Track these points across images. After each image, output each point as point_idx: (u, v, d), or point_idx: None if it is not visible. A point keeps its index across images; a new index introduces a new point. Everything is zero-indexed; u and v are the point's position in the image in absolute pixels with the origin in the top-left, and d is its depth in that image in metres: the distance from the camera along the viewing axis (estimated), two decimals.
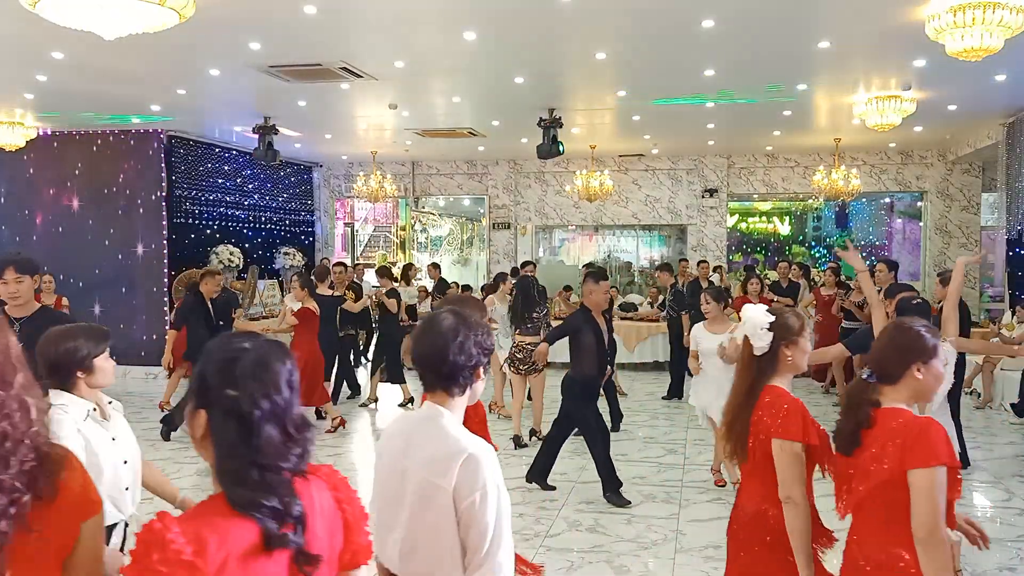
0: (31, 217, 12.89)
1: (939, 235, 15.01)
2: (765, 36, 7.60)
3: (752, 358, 2.97)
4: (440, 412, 2.15)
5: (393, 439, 2.24)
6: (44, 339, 2.78)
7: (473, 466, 2.01)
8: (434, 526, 2.03)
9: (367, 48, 8.09)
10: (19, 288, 4.07)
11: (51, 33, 6.59)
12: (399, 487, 2.13)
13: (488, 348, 2.19)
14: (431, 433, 2.12)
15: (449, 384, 2.15)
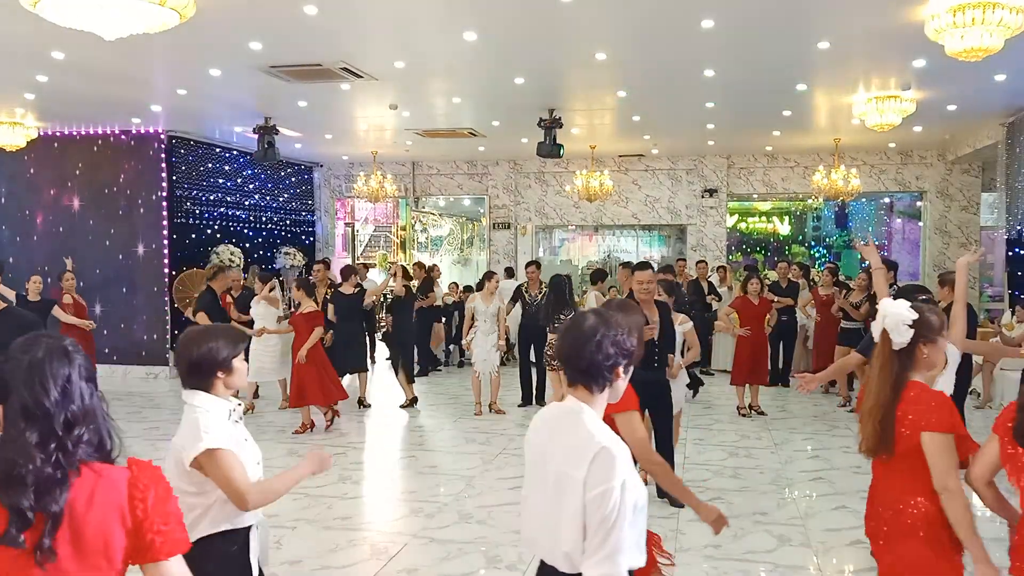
0: (31, 217, 12.90)
1: (939, 235, 15.02)
2: (765, 36, 7.61)
3: (892, 353, 2.99)
4: (581, 407, 2.25)
5: (540, 428, 2.37)
6: (184, 339, 2.75)
7: (605, 460, 2.10)
8: (567, 514, 2.15)
9: (367, 48, 8.10)
10: None
11: (51, 33, 6.61)
12: (543, 473, 2.27)
13: (627, 349, 2.28)
14: (571, 426, 2.24)
15: (588, 380, 2.26)
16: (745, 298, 9.42)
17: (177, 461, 2.59)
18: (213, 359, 2.68)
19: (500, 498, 6.20)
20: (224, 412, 2.68)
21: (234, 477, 2.54)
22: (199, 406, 2.65)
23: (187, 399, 2.69)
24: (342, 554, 5.07)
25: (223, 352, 2.70)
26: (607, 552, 2.06)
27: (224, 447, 2.55)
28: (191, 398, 2.68)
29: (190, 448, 2.53)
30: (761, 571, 4.78)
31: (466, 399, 10.10)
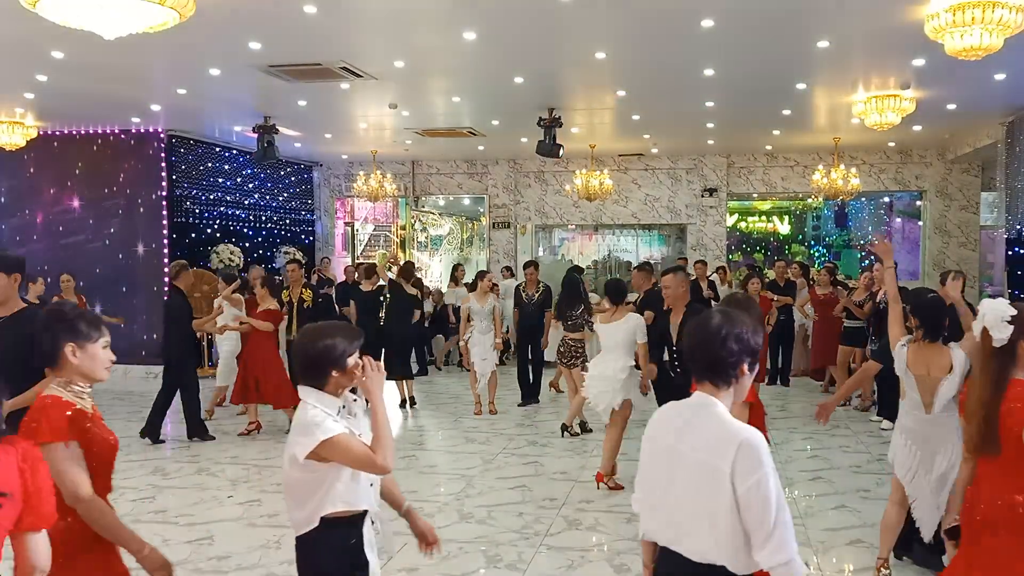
0: (31, 217, 12.90)
1: (938, 234, 15.02)
2: (765, 35, 7.61)
3: (993, 351, 3.01)
4: (713, 401, 2.33)
5: (665, 424, 2.44)
6: (301, 336, 2.76)
7: (750, 451, 2.18)
8: (709, 505, 2.21)
9: (367, 48, 8.10)
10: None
11: (51, 33, 6.60)
12: (668, 468, 2.35)
13: (751, 346, 2.34)
14: (706, 419, 2.31)
15: (714, 377, 2.33)
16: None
17: (290, 456, 2.62)
18: (329, 356, 2.67)
19: (500, 498, 6.20)
20: (334, 409, 2.68)
21: (357, 452, 2.60)
22: (308, 401, 2.68)
23: (304, 397, 2.70)
24: None
25: (339, 349, 2.69)
26: (778, 539, 2.15)
27: (338, 432, 2.59)
28: (307, 396, 2.69)
29: (305, 443, 2.56)
30: None
31: (466, 399, 10.10)
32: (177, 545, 5.13)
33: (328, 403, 2.68)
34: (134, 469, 7.03)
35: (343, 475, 2.63)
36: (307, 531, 2.65)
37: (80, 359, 2.67)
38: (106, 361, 2.75)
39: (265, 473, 6.88)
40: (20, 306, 4.01)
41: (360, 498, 2.70)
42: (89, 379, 2.73)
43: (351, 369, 2.69)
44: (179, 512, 5.81)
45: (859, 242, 19.67)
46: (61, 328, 2.68)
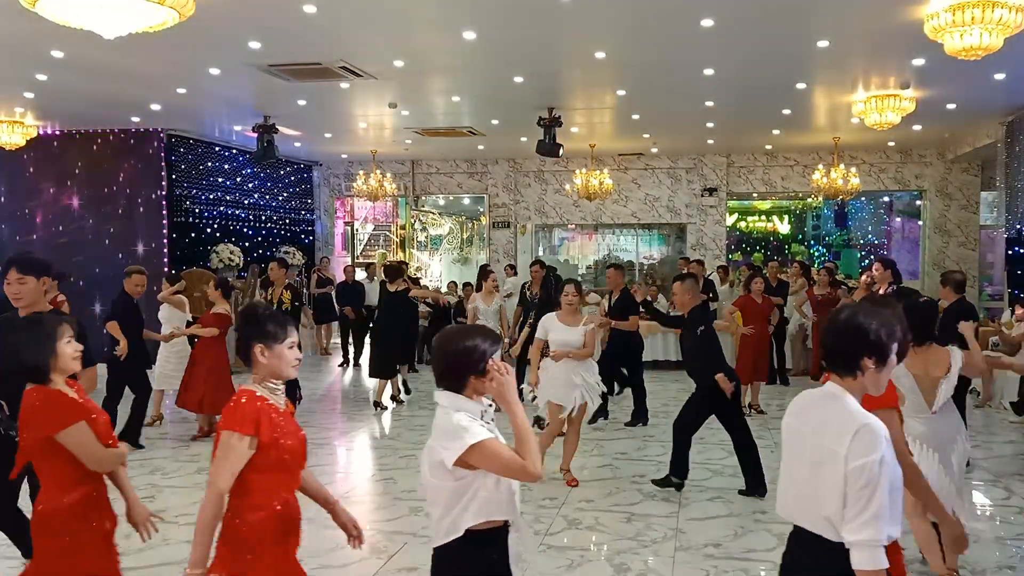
0: (31, 216, 12.90)
1: (938, 234, 15.02)
2: (765, 35, 7.61)
3: None
4: (841, 391, 2.44)
5: (798, 411, 2.56)
6: (440, 337, 2.70)
7: (867, 436, 2.28)
8: (826, 485, 2.33)
9: (367, 47, 8.10)
10: (21, 289, 3.93)
11: (51, 32, 6.60)
12: (799, 450, 2.48)
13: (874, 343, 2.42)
14: (830, 407, 2.43)
15: (839, 368, 2.46)
16: (748, 296, 9.41)
17: (435, 462, 2.54)
18: (468, 360, 2.58)
19: None
20: (476, 413, 2.59)
21: (507, 458, 2.50)
22: (449, 406, 2.59)
23: (438, 399, 2.62)
24: (342, 553, 5.07)
25: (479, 352, 2.59)
26: (867, 517, 2.23)
27: (486, 437, 2.50)
28: (442, 399, 2.61)
29: (452, 449, 2.48)
30: (761, 570, 4.78)
31: None
32: (177, 545, 5.12)
33: (470, 407, 2.59)
34: (134, 469, 7.02)
35: (488, 482, 2.54)
36: (449, 541, 2.57)
37: (268, 359, 2.77)
38: (292, 360, 2.83)
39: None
40: (47, 309, 4.04)
41: (505, 507, 2.60)
42: (277, 377, 2.82)
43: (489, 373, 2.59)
44: (179, 512, 5.80)
45: (859, 242, 19.67)
46: (251, 329, 2.79)
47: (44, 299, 4.09)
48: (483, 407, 2.63)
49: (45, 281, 4.04)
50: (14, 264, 3.97)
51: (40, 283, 4.00)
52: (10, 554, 4.99)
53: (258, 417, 2.69)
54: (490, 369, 2.58)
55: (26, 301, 3.98)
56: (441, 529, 2.57)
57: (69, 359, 3.03)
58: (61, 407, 2.92)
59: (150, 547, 5.07)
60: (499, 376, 2.56)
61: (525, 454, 2.49)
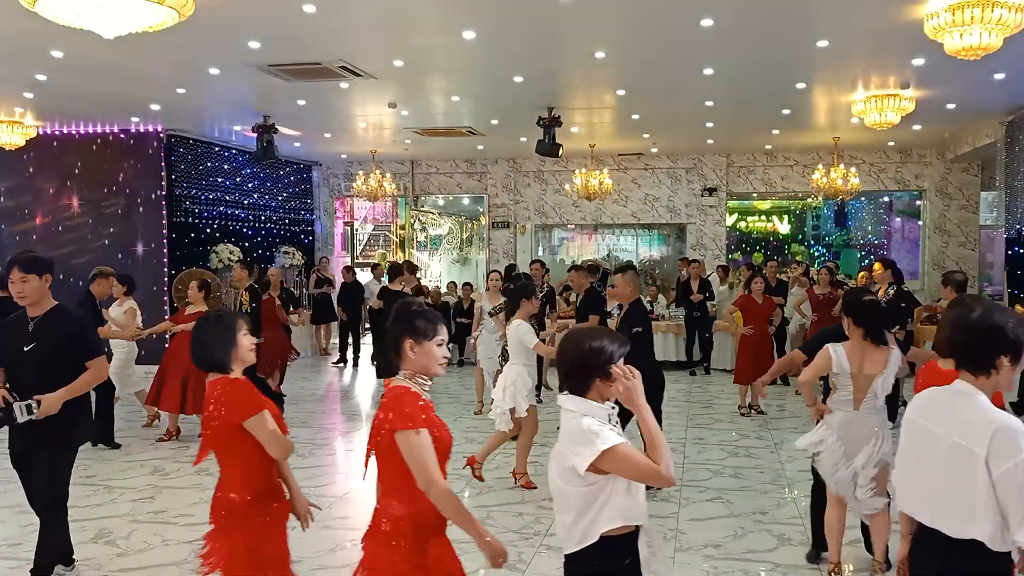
0: (31, 216, 12.90)
1: (938, 234, 15.02)
2: (764, 35, 7.61)
3: None
4: (971, 389, 2.44)
5: (924, 410, 2.57)
6: (566, 339, 2.64)
7: (1006, 437, 2.29)
8: (964, 484, 2.34)
9: (366, 47, 8.09)
10: (25, 287, 4.03)
11: (50, 32, 6.60)
12: (925, 450, 2.50)
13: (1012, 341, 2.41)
14: (964, 405, 2.43)
15: (971, 366, 2.46)
16: (749, 296, 9.41)
17: (566, 468, 2.49)
18: (593, 362, 2.53)
19: (499, 498, 6.19)
20: (603, 417, 2.52)
21: (640, 463, 2.44)
22: (575, 410, 2.53)
23: (564, 403, 2.57)
24: (341, 553, 5.07)
25: (605, 355, 2.53)
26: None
27: (619, 442, 2.45)
28: (568, 402, 2.56)
29: (584, 454, 2.42)
30: (761, 571, 4.78)
31: (466, 398, 10.09)
32: (177, 545, 5.12)
33: (596, 411, 2.53)
34: (134, 469, 7.02)
35: (620, 487, 2.49)
36: (582, 548, 2.55)
37: (417, 355, 2.78)
38: (440, 358, 2.84)
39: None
40: (52, 304, 4.18)
41: (638, 511, 2.55)
42: (425, 373, 2.83)
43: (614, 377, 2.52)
44: (179, 512, 5.80)
45: (859, 242, 19.68)
46: (402, 325, 2.80)
47: (49, 296, 4.18)
48: (609, 410, 2.56)
49: (48, 279, 4.13)
50: (17, 263, 4.05)
51: (43, 281, 4.09)
52: (10, 554, 4.99)
53: (423, 411, 2.71)
54: (616, 373, 2.51)
55: (30, 299, 4.08)
56: (574, 536, 2.54)
57: (246, 350, 3.21)
58: (247, 396, 3.09)
59: (150, 547, 5.08)
60: (626, 380, 2.50)
61: (658, 458, 2.43)
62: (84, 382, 4.09)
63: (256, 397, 3.11)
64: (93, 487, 6.40)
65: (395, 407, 2.69)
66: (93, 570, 4.60)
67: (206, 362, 3.18)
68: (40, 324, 4.08)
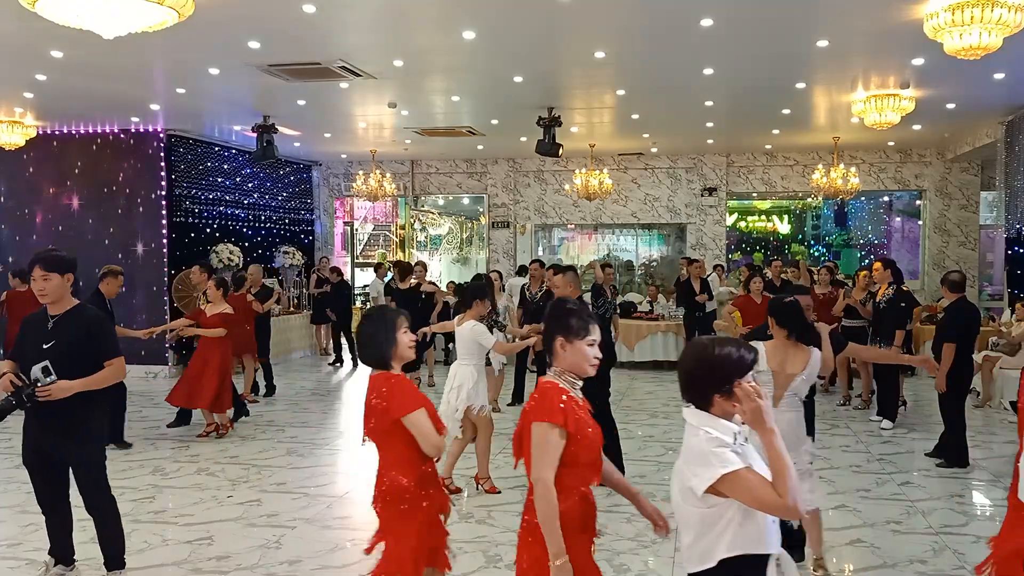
0: (31, 216, 12.90)
1: (938, 233, 15.02)
2: (764, 35, 7.61)
3: None
4: None
5: None
6: (686, 349, 2.55)
7: None
8: None
9: (366, 47, 8.09)
10: (46, 285, 4.08)
11: (50, 32, 6.60)
12: None
13: None
14: None
15: None
16: (748, 296, 9.41)
17: (685, 487, 2.39)
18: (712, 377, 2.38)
19: (500, 498, 6.19)
20: (729, 435, 2.36)
21: (761, 492, 2.28)
22: (697, 426, 2.40)
23: (687, 417, 2.45)
24: (342, 554, 5.07)
25: (724, 370, 2.36)
26: None
27: (741, 466, 2.30)
28: (690, 417, 2.43)
29: (702, 476, 2.31)
30: None
31: None
32: (177, 545, 5.12)
33: (722, 428, 2.37)
34: (134, 469, 7.03)
35: (744, 511, 2.33)
36: (702, 570, 2.41)
37: (568, 353, 2.79)
38: (592, 358, 2.82)
39: (265, 473, 6.87)
40: (73, 303, 4.24)
41: (764, 539, 2.38)
42: (576, 372, 2.83)
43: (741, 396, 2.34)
44: (179, 512, 5.80)
45: (859, 241, 19.68)
46: (555, 323, 2.82)
47: (69, 295, 4.23)
48: (737, 428, 2.40)
49: (69, 278, 4.19)
50: (39, 262, 4.12)
51: (64, 279, 4.15)
52: (10, 555, 4.99)
53: (565, 409, 2.72)
54: (741, 394, 2.32)
55: (51, 298, 4.14)
56: (693, 555, 2.42)
57: (405, 347, 3.32)
58: (408, 393, 3.22)
59: (150, 547, 5.08)
60: (753, 402, 2.30)
61: (783, 488, 2.25)
62: (101, 378, 4.14)
63: (416, 394, 3.24)
64: None
65: (539, 400, 2.76)
66: (93, 570, 4.60)
67: (372, 357, 3.31)
68: (60, 322, 4.13)
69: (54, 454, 4.23)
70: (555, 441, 2.69)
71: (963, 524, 5.63)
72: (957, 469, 6.97)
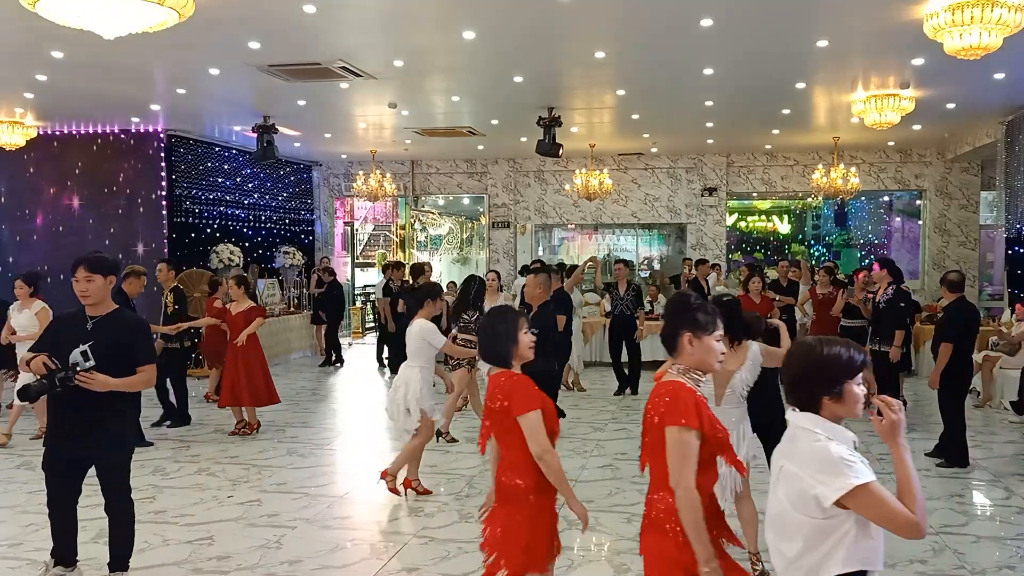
0: (31, 216, 12.91)
1: (938, 233, 15.02)
2: (764, 35, 7.61)
3: None
4: None
5: None
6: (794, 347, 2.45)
7: None
8: None
9: (366, 47, 8.09)
10: (89, 287, 4.08)
11: (51, 32, 6.60)
12: None
13: None
14: None
15: None
16: (746, 297, 9.39)
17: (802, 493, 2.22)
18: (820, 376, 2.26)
19: None
20: (847, 443, 2.24)
21: (893, 509, 2.14)
22: (819, 432, 2.24)
23: (797, 421, 2.32)
24: (342, 554, 5.07)
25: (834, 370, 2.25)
26: None
27: (872, 479, 2.16)
28: (802, 420, 2.29)
29: (832, 486, 2.15)
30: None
31: None
32: (177, 545, 5.12)
33: (840, 435, 2.24)
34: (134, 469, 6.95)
35: (861, 525, 2.19)
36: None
37: (695, 349, 2.70)
38: (718, 354, 2.73)
39: (265, 473, 6.87)
40: (114, 306, 4.24)
41: (879, 556, 2.25)
42: (702, 369, 2.73)
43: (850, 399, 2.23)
44: (179, 512, 5.80)
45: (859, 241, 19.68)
46: (682, 318, 2.73)
47: (110, 298, 4.23)
48: (853, 436, 2.27)
49: (112, 280, 4.19)
50: (83, 263, 4.12)
51: (107, 282, 4.15)
52: (10, 554, 4.99)
53: (699, 409, 2.61)
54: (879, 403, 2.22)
55: (93, 299, 4.13)
56: (797, 570, 2.26)
57: (526, 347, 3.33)
58: (527, 392, 3.20)
59: (150, 547, 5.08)
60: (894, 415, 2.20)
61: (913, 504, 2.13)
62: (134, 381, 4.13)
63: (535, 395, 3.22)
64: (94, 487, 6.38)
65: (669, 402, 2.61)
66: (94, 570, 4.60)
67: (493, 355, 3.32)
68: (99, 324, 4.12)
69: (83, 458, 4.22)
70: (693, 444, 2.57)
71: (963, 524, 5.63)
72: (957, 469, 6.97)
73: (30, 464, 7.04)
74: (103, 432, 4.13)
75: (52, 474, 4.28)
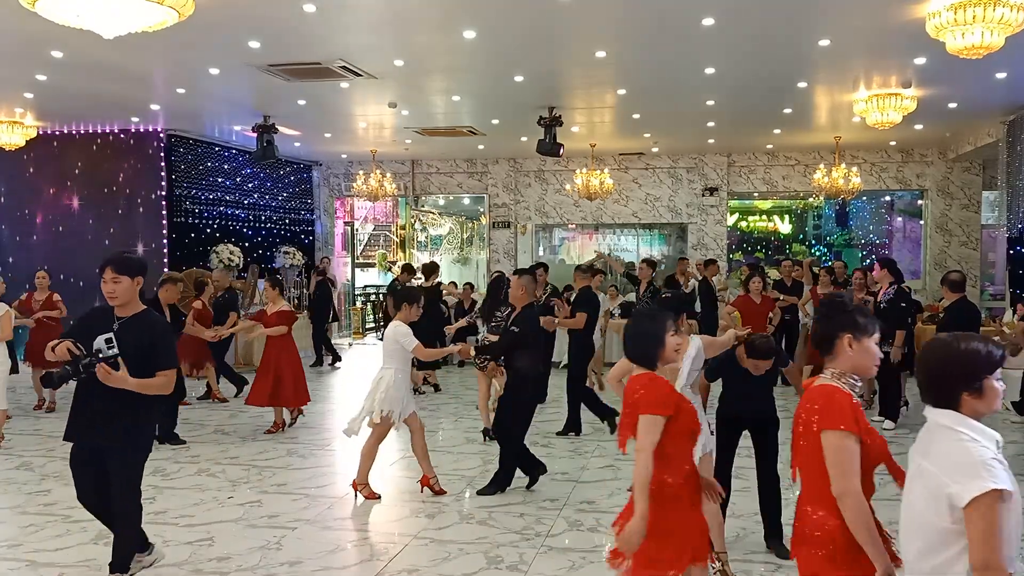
0: (31, 216, 12.90)
1: (940, 233, 15.00)
2: (765, 34, 7.60)
3: None
4: None
5: None
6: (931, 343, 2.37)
7: None
8: None
9: (366, 47, 8.08)
10: (116, 288, 4.05)
11: (50, 32, 6.59)
12: None
13: None
14: None
15: None
16: (747, 296, 9.38)
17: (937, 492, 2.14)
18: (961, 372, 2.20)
19: (501, 498, 6.18)
20: (991, 443, 2.14)
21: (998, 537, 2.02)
22: (963, 431, 2.17)
23: (937, 418, 2.24)
24: (342, 555, 5.06)
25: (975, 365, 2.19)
26: None
27: (1010, 488, 2.05)
28: (943, 418, 2.22)
29: (969, 487, 2.05)
30: (762, 571, 4.77)
31: (467, 398, 10.08)
32: (177, 546, 5.11)
33: (985, 435, 2.15)
34: None
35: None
36: None
37: (855, 351, 2.61)
38: (875, 358, 2.65)
39: (265, 474, 6.86)
40: (141, 308, 4.22)
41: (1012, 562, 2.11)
42: (860, 372, 2.65)
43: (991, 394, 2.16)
44: (179, 513, 5.79)
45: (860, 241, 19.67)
46: (841, 319, 2.65)
47: (138, 300, 4.21)
48: (998, 436, 2.20)
49: (139, 281, 4.16)
50: (110, 264, 4.09)
51: (134, 283, 4.12)
52: (10, 555, 4.98)
53: (856, 413, 2.51)
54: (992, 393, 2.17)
55: (121, 300, 4.11)
56: (920, 569, 2.19)
57: (671, 350, 3.30)
58: (660, 394, 3.17)
59: None
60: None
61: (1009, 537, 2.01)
62: (151, 384, 4.10)
63: (667, 398, 3.18)
64: None
65: (825, 406, 2.52)
66: (94, 571, 4.59)
67: (640, 356, 3.30)
68: (125, 325, 4.10)
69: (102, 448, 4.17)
70: (853, 448, 2.48)
71: None
72: None
73: (30, 465, 7.03)
74: (120, 426, 4.09)
75: (76, 463, 4.24)
